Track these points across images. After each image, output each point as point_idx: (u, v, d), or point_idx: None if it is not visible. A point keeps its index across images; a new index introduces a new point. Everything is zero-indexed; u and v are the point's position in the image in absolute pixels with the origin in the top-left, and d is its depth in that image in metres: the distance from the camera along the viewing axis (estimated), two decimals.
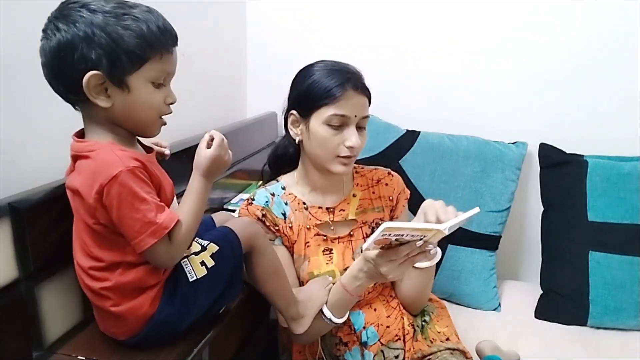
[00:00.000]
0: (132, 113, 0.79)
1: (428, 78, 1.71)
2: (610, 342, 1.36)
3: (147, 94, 0.79)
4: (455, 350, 1.13)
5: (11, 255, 0.81)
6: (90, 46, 0.73)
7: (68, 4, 0.75)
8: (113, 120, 0.80)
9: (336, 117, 1.03)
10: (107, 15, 0.74)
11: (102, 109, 0.77)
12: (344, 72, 1.05)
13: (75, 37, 0.73)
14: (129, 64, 0.75)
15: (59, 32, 0.73)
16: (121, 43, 0.74)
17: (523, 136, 1.62)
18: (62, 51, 0.73)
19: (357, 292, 1.02)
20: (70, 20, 0.73)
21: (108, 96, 0.77)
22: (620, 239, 1.43)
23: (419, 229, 0.88)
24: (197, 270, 0.86)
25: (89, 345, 0.88)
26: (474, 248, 1.53)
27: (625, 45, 1.52)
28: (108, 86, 0.76)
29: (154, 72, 0.78)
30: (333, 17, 1.74)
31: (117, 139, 0.81)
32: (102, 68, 0.74)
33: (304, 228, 1.13)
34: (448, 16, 1.64)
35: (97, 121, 0.80)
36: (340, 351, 1.13)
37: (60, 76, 0.76)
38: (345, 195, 1.18)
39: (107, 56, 0.74)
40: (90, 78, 0.74)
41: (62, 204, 0.89)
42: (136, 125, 0.82)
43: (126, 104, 0.78)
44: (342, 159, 1.06)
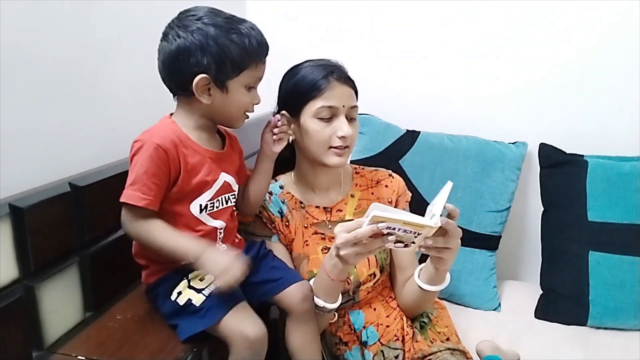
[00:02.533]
0: (224, 109, 0.94)
1: (428, 78, 1.70)
2: (610, 342, 1.36)
3: (241, 95, 0.94)
4: (456, 350, 1.13)
5: (11, 255, 0.81)
6: (204, 54, 0.88)
7: (187, 15, 0.90)
8: (205, 113, 0.95)
9: (325, 109, 1.05)
10: (218, 29, 0.88)
11: (200, 103, 0.92)
12: (326, 66, 1.08)
13: (192, 45, 0.88)
14: (231, 71, 0.90)
15: (179, 38, 0.88)
16: (228, 53, 0.89)
17: (523, 136, 1.62)
18: (181, 55, 0.88)
19: (334, 273, 0.97)
20: (189, 29, 0.88)
21: (210, 95, 0.91)
22: (620, 239, 1.43)
23: (409, 222, 0.85)
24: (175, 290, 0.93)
25: (89, 345, 0.88)
26: (473, 248, 1.53)
27: (625, 45, 1.52)
28: (211, 87, 0.91)
29: (248, 78, 0.93)
30: (333, 17, 1.74)
31: (198, 126, 0.95)
32: (210, 72, 0.89)
33: (301, 227, 1.13)
34: (448, 16, 1.64)
35: (190, 111, 0.95)
36: (340, 351, 1.13)
37: (174, 74, 0.91)
38: (343, 195, 1.18)
39: (216, 63, 0.88)
40: (200, 80, 0.89)
41: (62, 203, 0.90)
42: (225, 119, 0.98)
43: (222, 103, 0.93)
44: (335, 150, 1.07)
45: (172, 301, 0.92)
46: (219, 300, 0.90)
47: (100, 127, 1.11)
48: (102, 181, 0.99)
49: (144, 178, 0.87)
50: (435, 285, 1.06)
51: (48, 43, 0.95)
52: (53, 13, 0.96)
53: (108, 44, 1.11)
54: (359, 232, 0.87)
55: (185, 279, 0.93)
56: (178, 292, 0.92)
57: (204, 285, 0.92)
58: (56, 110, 0.98)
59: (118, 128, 1.15)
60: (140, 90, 1.22)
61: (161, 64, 0.92)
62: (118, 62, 1.15)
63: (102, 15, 1.09)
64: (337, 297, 1.04)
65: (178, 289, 0.92)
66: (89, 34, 1.06)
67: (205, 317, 0.89)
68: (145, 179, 0.87)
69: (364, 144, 1.59)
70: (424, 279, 1.07)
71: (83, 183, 0.95)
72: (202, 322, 0.89)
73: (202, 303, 0.90)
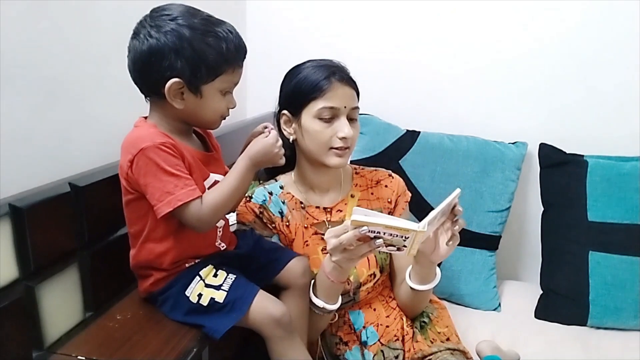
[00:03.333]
0: (198, 114, 0.91)
1: (428, 78, 1.70)
2: (610, 342, 1.36)
3: (215, 101, 0.91)
4: (456, 350, 1.13)
5: (11, 255, 0.81)
6: (178, 57, 0.84)
7: (161, 14, 0.86)
8: (178, 116, 0.92)
9: (326, 110, 1.05)
10: (194, 31, 0.84)
11: (172, 107, 0.88)
12: (328, 67, 1.07)
13: (166, 47, 0.84)
14: (206, 76, 0.87)
15: (152, 38, 0.84)
16: (203, 58, 0.85)
17: (523, 136, 1.62)
18: (153, 56, 0.84)
19: (333, 275, 0.97)
20: (162, 30, 0.84)
21: (182, 99, 0.88)
22: (620, 239, 1.43)
23: (391, 226, 0.84)
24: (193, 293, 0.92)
25: (89, 345, 0.88)
26: (474, 248, 1.52)
27: (625, 45, 1.52)
28: (184, 91, 0.87)
29: (224, 83, 0.90)
30: (333, 17, 1.74)
31: (174, 130, 0.92)
32: (184, 77, 0.85)
33: (301, 227, 1.13)
34: (448, 16, 1.64)
35: (163, 114, 0.92)
36: (340, 350, 1.13)
37: (144, 75, 0.88)
38: (343, 195, 1.18)
39: (190, 67, 0.85)
40: (173, 84, 0.85)
41: (62, 203, 0.89)
42: (199, 123, 0.95)
43: (196, 107, 0.90)
44: (336, 151, 1.07)
45: (194, 303, 0.91)
46: (240, 292, 0.92)
47: (100, 127, 1.11)
48: (102, 181, 0.99)
49: (176, 174, 0.85)
50: (426, 284, 1.08)
51: (48, 43, 0.95)
52: (53, 13, 0.96)
53: (108, 44, 1.11)
54: (343, 238, 0.88)
55: (199, 279, 0.93)
56: (198, 294, 0.91)
57: (221, 281, 0.93)
58: (56, 110, 0.98)
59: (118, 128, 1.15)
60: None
61: (131, 64, 0.88)
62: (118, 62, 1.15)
63: (102, 15, 1.09)
64: (337, 298, 1.04)
65: (197, 291, 0.92)
66: (89, 34, 1.06)
67: (234, 311, 0.90)
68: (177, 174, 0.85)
69: (364, 144, 1.59)
70: (415, 279, 1.09)
71: (83, 183, 0.95)
72: (233, 317, 0.90)
73: (225, 299, 0.91)
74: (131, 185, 0.89)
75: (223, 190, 0.90)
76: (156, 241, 0.92)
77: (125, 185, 0.90)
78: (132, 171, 0.86)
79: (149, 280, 0.96)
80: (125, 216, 0.95)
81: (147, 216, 0.91)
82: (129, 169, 0.86)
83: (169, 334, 0.91)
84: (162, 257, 0.92)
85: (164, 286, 0.95)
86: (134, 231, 0.94)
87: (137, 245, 0.94)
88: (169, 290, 0.94)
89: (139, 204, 0.90)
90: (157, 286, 0.95)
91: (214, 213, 0.89)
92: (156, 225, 0.91)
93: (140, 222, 0.92)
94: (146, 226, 0.91)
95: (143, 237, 0.92)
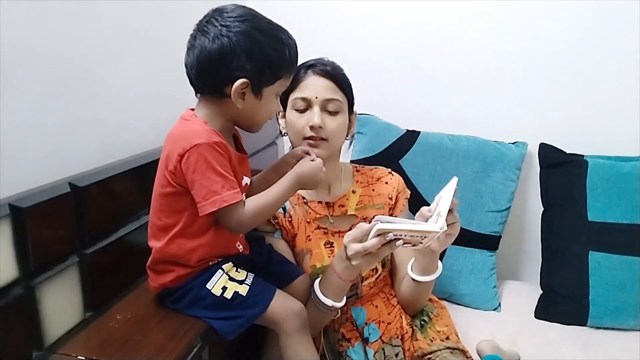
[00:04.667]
0: (253, 115, 0.94)
1: (428, 78, 1.70)
2: (610, 342, 1.36)
3: (271, 103, 0.94)
4: (455, 349, 1.13)
5: (11, 255, 0.81)
6: (248, 59, 0.87)
7: (229, 14, 0.88)
8: (232, 116, 0.93)
9: (299, 100, 1.09)
10: (262, 34, 0.88)
11: (230, 106, 0.90)
12: (310, 61, 1.12)
13: (237, 47, 0.86)
14: (269, 79, 0.90)
15: (224, 37, 0.86)
16: (270, 61, 0.89)
17: (523, 136, 1.62)
18: (224, 55, 0.86)
19: (345, 274, 0.99)
20: (234, 31, 0.86)
21: (244, 100, 0.90)
22: (620, 239, 1.43)
23: (415, 230, 0.87)
24: (217, 286, 0.93)
25: (89, 345, 0.88)
26: (474, 248, 1.53)
27: (625, 45, 1.52)
28: (247, 92, 0.89)
29: (280, 87, 0.94)
30: (332, 17, 1.74)
31: (222, 129, 0.92)
32: (251, 78, 0.87)
33: (304, 222, 1.14)
34: (448, 16, 1.64)
35: (217, 112, 0.92)
36: (343, 347, 1.13)
37: (211, 73, 0.88)
38: (344, 191, 1.20)
39: (257, 70, 0.88)
40: (241, 84, 0.87)
41: (62, 203, 0.89)
42: (249, 124, 0.96)
43: (253, 109, 0.92)
44: (308, 141, 1.09)
45: (217, 296, 0.92)
46: (261, 287, 0.95)
47: (100, 127, 1.11)
48: (102, 181, 0.99)
49: (224, 175, 0.86)
50: (428, 275, 1.09)
51: (48, 42, 0.95)
52: (53, 12, 0.96)
53: (109, 43, 1.11)
54: (368, 245, 0.90)
55: (222, 273, 0.94)
56: (222, 287, 0.93)
57: (244, 277, 0.95)
58: (56, 110, 0.98)
59: (118, 128, 1.15)
60: (141, 90, 1.22)
61: (195, 59, 0.88)
62: (118, 61, 1.15)
63: (103, 14, 1.09)
64: (344, 295, 1.05)
65: (221, 284, 0.93)
66: (90, 33, 1.06)
67: (257, 304, 0.93)
68: (223, 173, 0.86)
69: (364, 144, 1.59)
70: (417, 270, 1.10)
71: (83, 183, 0.95)
72: (257, 310, 0.92)
73: (248, 292, 0.93)
74: (176, 179, 0.88)
75: (268, 199, 0.92)
76: (189, 237, 0.92)
77: (168, 177, 0.89)
78: (182, 165, 0.86)
79: (168, 276, 0.95)
80: (156, 207, 0.93)
81: (184, 211, 0.91)
82: (178, 162, 0.86)
83: (170, 333, 0.91)
84: (192, 253, 0.93)
85: (183, 282, 0.94)
86: (163, 224, 0.93)
87: (164, 239, 0.93)
88: (189, 284, 0.94)
89: (179, 199, 0.90)
90: (177, 282, 0.95)
91: (254, 219, 0.91)
92: (192, 222, 0.91)
93: (176, 216, 0.91)
94: (180, 221, 0.91)
95: (175, 232, 0.92)
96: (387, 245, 0.91)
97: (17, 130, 0.89)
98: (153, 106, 1.26)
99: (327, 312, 1.05)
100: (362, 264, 0.94)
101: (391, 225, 0.86)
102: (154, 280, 0.98)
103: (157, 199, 0.93)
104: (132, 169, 1.08)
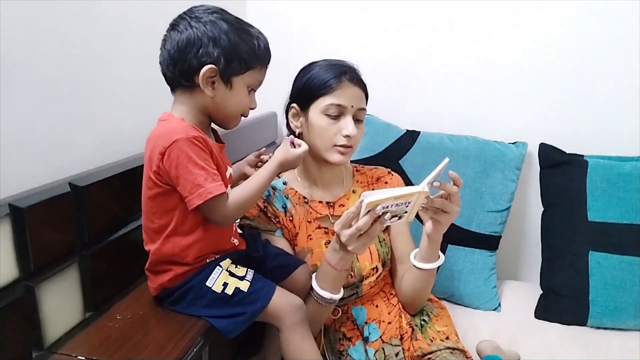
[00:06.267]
0: (224, 106, 0.94)
1: (428, 78, 1.71)
2: (610, 342, 1.36)
3: (242, 95, 0.95)
4: (455, 349, 1.13)
5: (11, 255, 0.81)
6: (215, 45, 0.89)
7: (199, 10, 0.91)
8: (204, 108, 0.94)
9: (333, 107, 1.07)
10: (230, 25, 0.91)
11: (201, 96, 0.92)
12: (340, 66, 1.10)
13: (204, 36, 0.89)
14: (238, 67, 0.92)
15: (191, 28, 0.89)
16: (237, 49, 0.91)
17: (523, 136, 1.62)
18: (191, 43, 0.89)
19: (340, 265, 1.00)
20: (202, 21, 0.90)
21: (213, 89, 0.91)
22: (620, 239, 1.43)
23: (400, 195, 0.89)
24: (217, 282, 0.94)
25: (89, 345, 0.88)
26: (473, 248, 1.53)
27: (625, 45, 1.52)
28: (216, 80, 0.91)
29: (252, 79, 0.95)
30: (333, 17, 1.74)
31: (199, 123, 0.94)
32: (219, 65, 0.89)
33: (304, 221, 1.15)
34: (447, 16, 1.64)
35: (190, 105, 0.94)
36: (343, 346, 1.14)
37: (180, 63, 0.90)
38: (345, 191, 1.20)
39: (225, 56, 0.89)
40: (208, 70, 0.89)
41: (62, 203, 0.89)
42: (222, 117, 0.97)
43: (224, 98, 0.93)
44: (339, 148, 1.08)
45: (218, 293, 0.93)
46: (261, 283, 0.96)
47: (100, 127, 1.11)
48: (102, 181, 0.99)
49: (206, 168, 0.88)
50: (430, 263, 1.09)
51: (48, 42, 0.95)
52: (53, 12, 0.96)
53: (108, 43, 1.11)
54: (360, 224, 0.91)
55: (221, 270, 0.95)
56: (223, 283, 0.93)
57: (244, 273, 0.96)
58: (56, 110, 0.98)
59: (119, 128, 1.15)
60: (140, 90, 1.22)
61: (167, 53, 0.91)
62: (118, 61, 1.15)
63: (102, 14, 1.09)
64: (341, 286, 1.06)
65: (221, 280, 0.94)
66: (89, 33, 1.06)
67: (259, 299, 0.94)
68: (206, 168, 0.87)
69: (364, 144, 1.59)
70: (420, 258, 1.11)
71: (83, 183, 0.95)
72: (258, 305, 0.93)
73: (249, 288, 0.94)
74: (161, 178, 0.89)
75: (251, 188, 0.94)
76: (182, 234, 0.93)
77: (153, 178, 0.90)
78: (164, 163, 0.87)
79: (166, 276, 0.95)
80: (147, 210, 0.94)
81: (175, 210, 0.92)
82: (160, 161, 0.87)
83: (170, 333, 0.91)
84: (187, 251, 0.93)
85: (182, 281, 0.95)
86: (157, 226, 0.93)
87: (159, 240, 0.93)
88: (188, 283, 0.94)
89: (167, 198, 0.91)
90: (175, 281, 0.95)
91: (238, 209, 0.93)
92: (184, 219, 0.92)
93: (167, 216, 0.92)
94: (173, 220, 0.92)
95: (169, 231, 0.92)
96: (378, 222, 0.92)
97: (17, 130, 0.89)
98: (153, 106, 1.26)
99: (327, 305, 1.05)
100: (357, 247, 0.94)
101: (378, 196, 0.88)
102: (152, 281, 0.98)
103: (147, 202, 0.94)
104: (132, 169, 1.08)
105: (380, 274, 1.17)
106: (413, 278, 1.14)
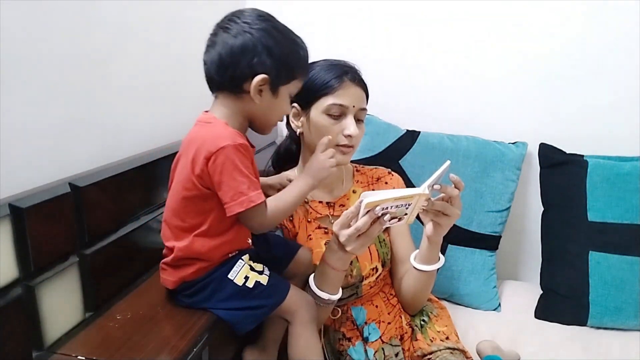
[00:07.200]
0: (268, 113, 0.96)
1: (428, 78, 1.71)
2: (610, 342, 1.36)
3: (285, 103, 0.97)
4: (455, 349, 1.13)
5: (11, 255, 0.81)
6: (269, 55, 0.89)
7: (249, 14, 0.91)
8: (248, 113, 0.95)
9: (335, 107, 1.07)
10: (281, 34, 0.92)
11: (247, 102, 0.92)
12: (342, 66, 1.10)
13: (259, 44, 0.89)
14: (285, 77, 0.93)
15: (246, 34, 0.89)
16: (287, 60, 0.92)
17: (523, 136, 1.62)
18: (246, 51, 0.89)
19: (338, 265, 1.00)
20: (255, 28, 0.89)
21: (261, 96, 0.92)
22: (620, 239, 1.43)
23: (400, 197, 0.89)
24: (239, 275, 0.95)
25: (89, 345, 0.88)
26: (473, 248, 1.53)
27: (625, 45, 1.52)
28: (264, 89, 0.91)
29: (295, 88, 0.97)
30: (333, 17, 1.74)
31: (240, 128, 0.95)
32: (271, 75, 0.90)
33: (304, 221, 1.15)
34: (447, 16, 1.64)
35: (233, 110, 0.94)
36: (343, 346, 1.14)
37: (232, 68, 0.90)
38: (345, 191, 1.20)
39: (276, 67, 0.90)
40: (261, 79, 0.89)
41: (62, 203, 0.89)
42: (262, 124, 0.98)
43: (269, 107, 0.94)
44: (341, 148, 1.09)
45: (239, 286, 0.94)
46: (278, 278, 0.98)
47: (100, 127, 1.11)
48: (102, 181, 0.99)
49: (249, 176, 0.88)
50: (430, 265, 1.09)
51: (49, 42, 0.95)
52: (54, 12, 0.96)
53: (109, 43, 1.11)
54: (359, 225, 0.90)
55: (243, 263, 0.96)
56: (245, 276, 0.94)
57: (262, 268, 0.97)
58: (56, 109, 0.98)
59: (119, 128, 1.15)
60: (141, 90, 1.22)
61: (217, 55, 0.90)
62: (119, 61, 1.15)
63: (103, 14, 1.09)
64: (339, 287, 1.06)
65: (243, 274, 0.94)
66: (90, 33, 1.06)
67: (276, 293, 0.96)
68: (249, 176, 0.88)
69: (364, 144, 1.59)
70: (420, 260, 1.11)
71: (83, 183, 0.95)
72: (278, 297, 0.95)
73: (268, 282, 0.95)
74: (203, 182, 0.89)
75: (287, 199, 0.96)
76: (212, 237, 0.93)
77: (195, 181, 0.90)
78: (208, 167, 0.87)
79: (190, 269, 0.95)
80: (180, 209, 0.94)
81: (210, 213, 0.92)
82: (205, 165, 0.88)
83: (169, 333, 0.91)
84: (214, 251, 0.94)
85: (205, 274, 0.95)
86: (187, 225, 0.94)
87: (187, 238, 0.94)
88: (211, 276, 0.95)
89: (204, 201, 0.91)
90: (198, 274, 0.95)
91: (274, 219, 0.94)
92: (218, 223, 0.93)
93: (200, 216, 0.93)
94: (205, 222, 0.92)
95: (199, 232, 0.93)
96: (377, 223, 0.92)
97: (17, 130, 0.89)
98: (153, 106, 1.26)
99: (325, 306, 1.05)
100: (356, 248, 0.94)
101: (377, 197, 0.87)
102: (171, 274, 0.97)
103: (181, 201, 0.93)
104: (132, 169, 1.08)
105: (380, 274, 1.17)
106: (413, 279, 1.14)
